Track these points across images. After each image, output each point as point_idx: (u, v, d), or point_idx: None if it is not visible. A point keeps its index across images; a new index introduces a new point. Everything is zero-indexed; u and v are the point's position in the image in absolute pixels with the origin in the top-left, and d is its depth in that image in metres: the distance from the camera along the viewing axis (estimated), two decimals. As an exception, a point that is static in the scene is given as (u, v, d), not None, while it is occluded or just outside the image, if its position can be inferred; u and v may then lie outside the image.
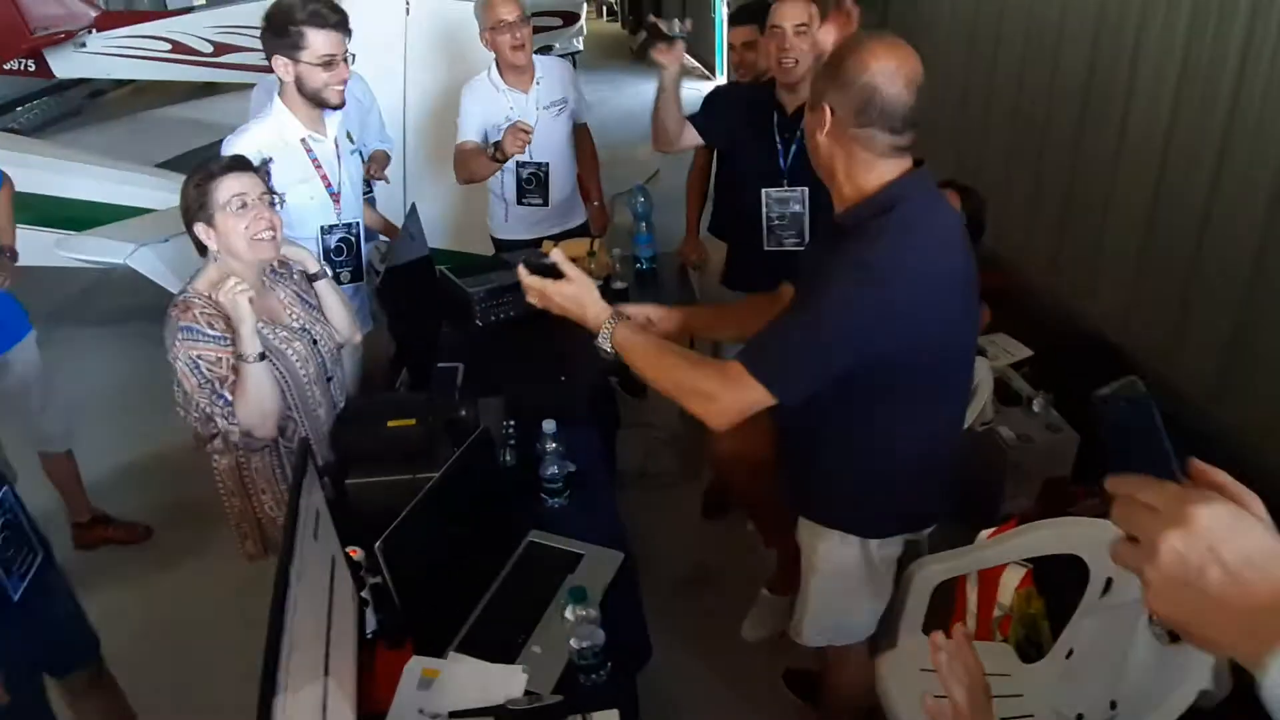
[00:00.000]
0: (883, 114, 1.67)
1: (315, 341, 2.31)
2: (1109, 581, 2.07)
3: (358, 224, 2.89)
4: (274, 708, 1.12)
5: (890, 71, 1.65)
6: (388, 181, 3.77)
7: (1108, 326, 3.62)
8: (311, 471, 1.56)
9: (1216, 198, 3.07)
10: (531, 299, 1.92)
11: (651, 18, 2.82)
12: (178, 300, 2.11)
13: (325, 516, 1.61)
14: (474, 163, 3.30)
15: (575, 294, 1.87)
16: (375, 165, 3.60)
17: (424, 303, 3.00)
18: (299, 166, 2.70)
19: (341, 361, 2.48)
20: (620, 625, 1.78)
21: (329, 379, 2.37)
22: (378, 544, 1.64)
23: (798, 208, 2.90)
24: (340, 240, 2.82)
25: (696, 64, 11.22)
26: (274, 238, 2.17)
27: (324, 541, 1.57)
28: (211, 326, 2.07)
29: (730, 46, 2.79)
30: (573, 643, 1.66)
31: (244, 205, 2.12)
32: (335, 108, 2.74)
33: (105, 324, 5.47)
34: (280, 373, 2.19)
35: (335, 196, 2.78)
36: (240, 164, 2.18)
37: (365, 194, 3.50)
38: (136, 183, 4.93)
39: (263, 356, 2.08)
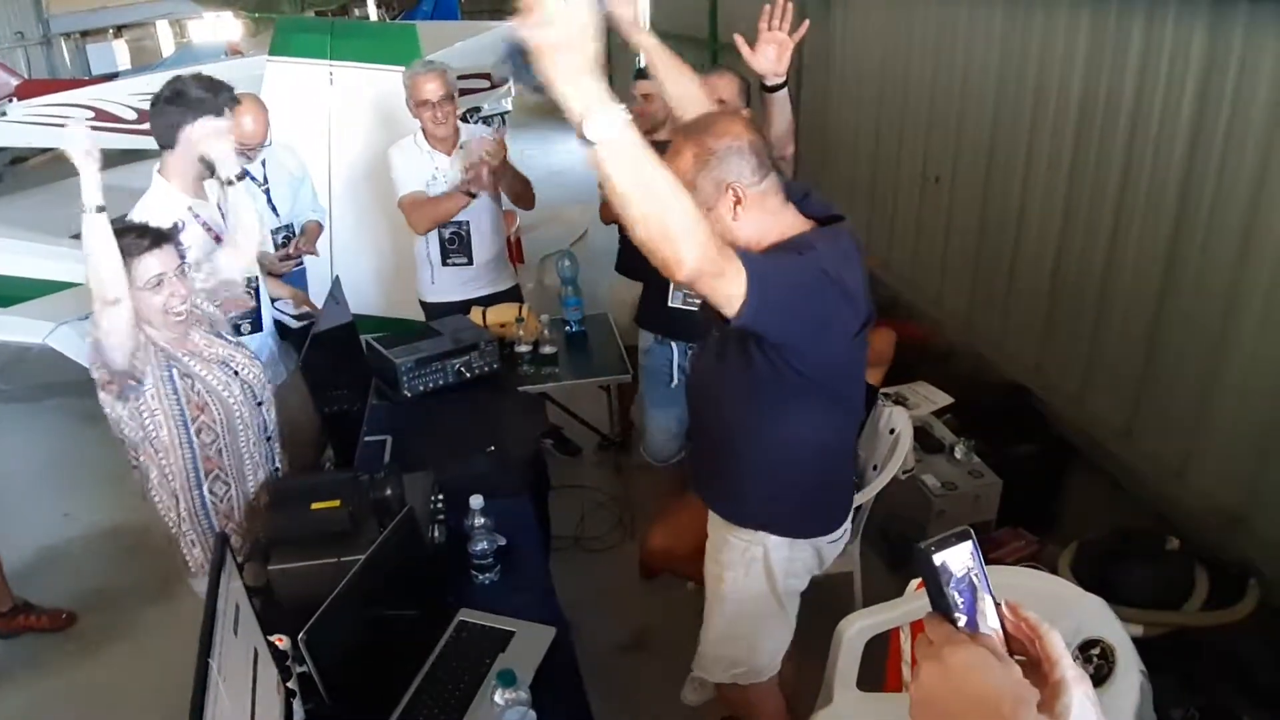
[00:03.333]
0: (763, 159, 1.76)
1: (236, 372, 2.35)
2: (1034, 630, 2.12)
3: (255, 277, 2.91)
4: None
5: (741, 123, 1.78)
6: (317, 254, 3.75)
7: (1021, 374, 3.74)
8: (229, 564, 1.53)
9: (1116, 251, 3.22)
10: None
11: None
12: None
13: (245, 609, 1.57)
14: (440, 205, 3.33)
15: (565, 39, 1.30)
16: (306, 239, 3.60)
17: (350, 372, 2.97)
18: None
19: (268, 389, 2.48)
20: (555, 703, 1.77)
21: (259, 403, 2.40)
22: (300, 635, 1.61)
23: None
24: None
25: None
26: (187, 311, 2.21)
27: (245, 635, 1.53)
28: None
29: (631, 98, 2.86)
30: (503, 726, 1.64)
31: (160, 283, 2.13)
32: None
33: (22, 401, 5.28)
34: (209, 404, 2.27)
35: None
36: (160, 238, 2.18)
37: (296, 267, 3.50)
38: (55, 256, 4.71)
39: (101, 209, 2.03)
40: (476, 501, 2.12)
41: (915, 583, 2.52)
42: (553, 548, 3.12)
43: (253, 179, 3.42)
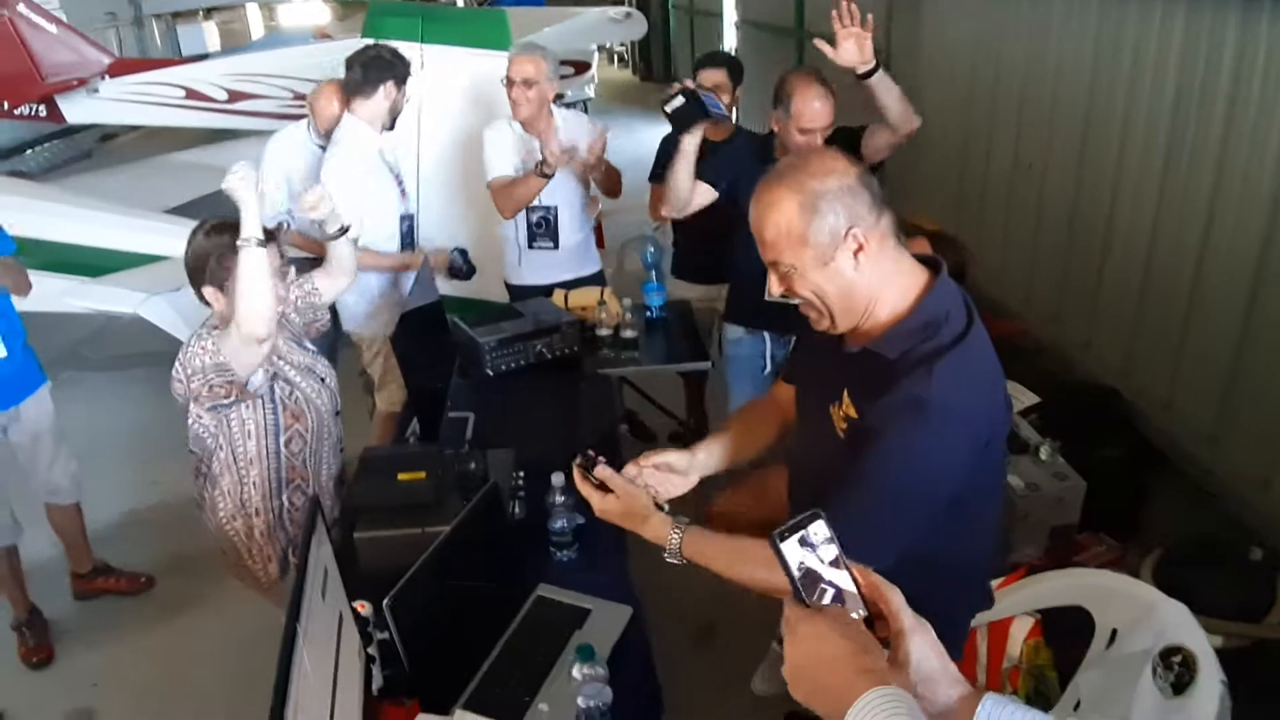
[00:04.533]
0: (875, 194, 1.54)
1: (323, 379, 2.41)
2: (1114, 633, 2.06)
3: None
4: None
5: (840, 156, 1.57)
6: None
7: (1108, 375, 3.63)
8: (320, 527, 1.57)
9: (1209, 250, 3.10)
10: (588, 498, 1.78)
11: (691, 85, 2.84)
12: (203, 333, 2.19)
13: (334, 573, 1.61)
14: (518, 187, 3.35)
15: (624, 511, 1.72)
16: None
17: (436, 350, 3.03)
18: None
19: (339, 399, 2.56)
20: (629, 682, 1.78)
21: (337, 412, 2.48)
22: (385, 601, 1.65)
23: None
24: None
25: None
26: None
27: (331, 599, 1.58)
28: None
29: (700, 88, 2.83)
30: (580, 702, 1.65)
31: None
32: None
33: (112, 369, 5.46)
34: (305, 413, 2.35)
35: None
36: (265, 238, 2.14)
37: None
38: (147, 229, 4.87)
39: (262, 243, 2.07)
40: (558, 479, 2.14)
41: (995, 583, 2.48)
42: (627, 534, 3.14)
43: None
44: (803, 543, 1.01)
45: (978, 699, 1.03)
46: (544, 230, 3.54)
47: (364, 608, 1.84)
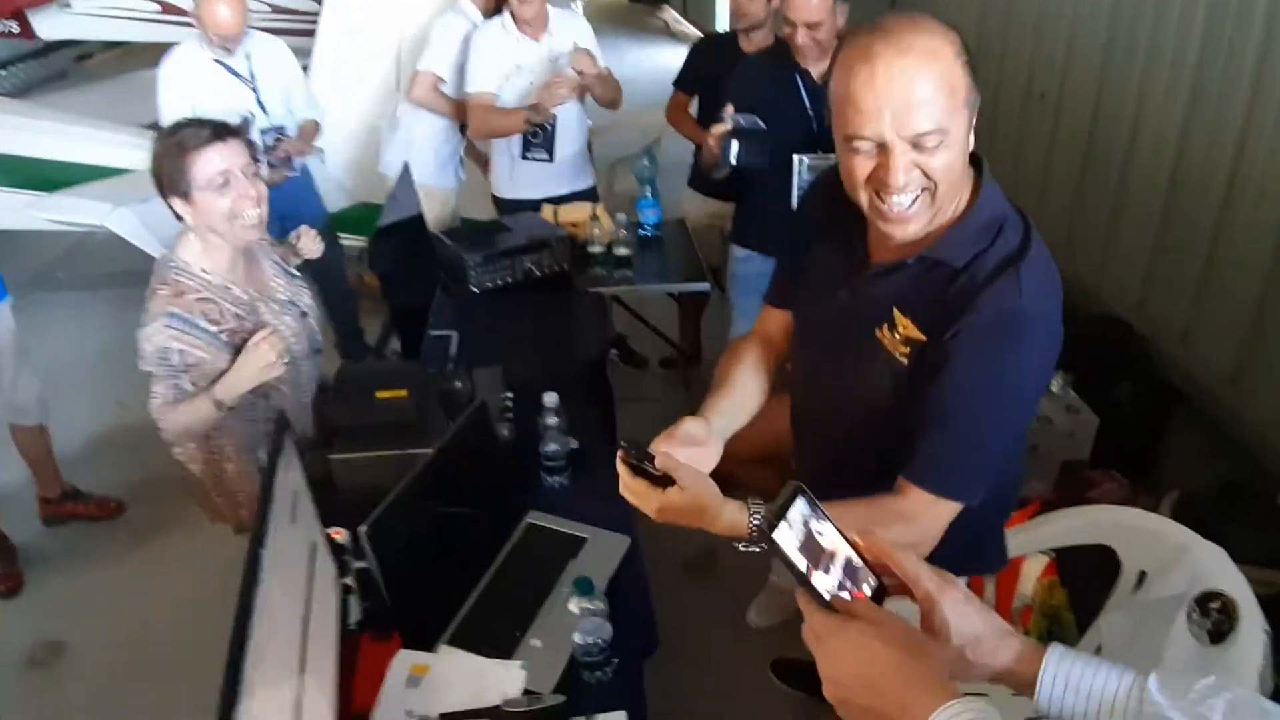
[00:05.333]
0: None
1: (304, 314, 2.20)
2: (1142, 575, 1.94)
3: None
4: (236, 717, 0.97)
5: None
6: (311, 153, 3.68)
7: (1123, 308, 3.49)
8: (289, 448, 1.41)
9: (1238, 178, 2.93)
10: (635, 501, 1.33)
11: (728, 125, 2.66)
12: (168, 276, 1.96)
13: (305, 497, 1.46)
14: (497, 121, 3.23)
15: (693, 505, 1.27)
16: (303, 139, 3.54)
17: (416, 266, 2.84)
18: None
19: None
20: (626, 616, 1.65)
21: (317, 350, 2.25)
22: (363, 527, 1.50)
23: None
24: None
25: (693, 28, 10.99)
26: (259, 219, 2.00)
27: (303, 525, 1.42)
28: (206, 319, 1.95)
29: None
30: (577, 637, 1.52)
31: (226, 183, 1.92)
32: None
33: (81, 290, 5.24)
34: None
35: None
36: (222, 131, 1.94)
37: (291, 174, 3.45)
38: (115, 142, 4.65)
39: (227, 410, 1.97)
40: (551, 399, 1.99)
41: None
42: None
43: (235, 74, 3.34)
44: (794, 525, 0.87)
45: (1038, 653, 0.95)
46: (539, 140, 3.31)
47: (340, 535, 1.71)
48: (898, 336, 1.35)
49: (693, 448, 1.37)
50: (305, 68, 4.14)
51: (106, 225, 4.10)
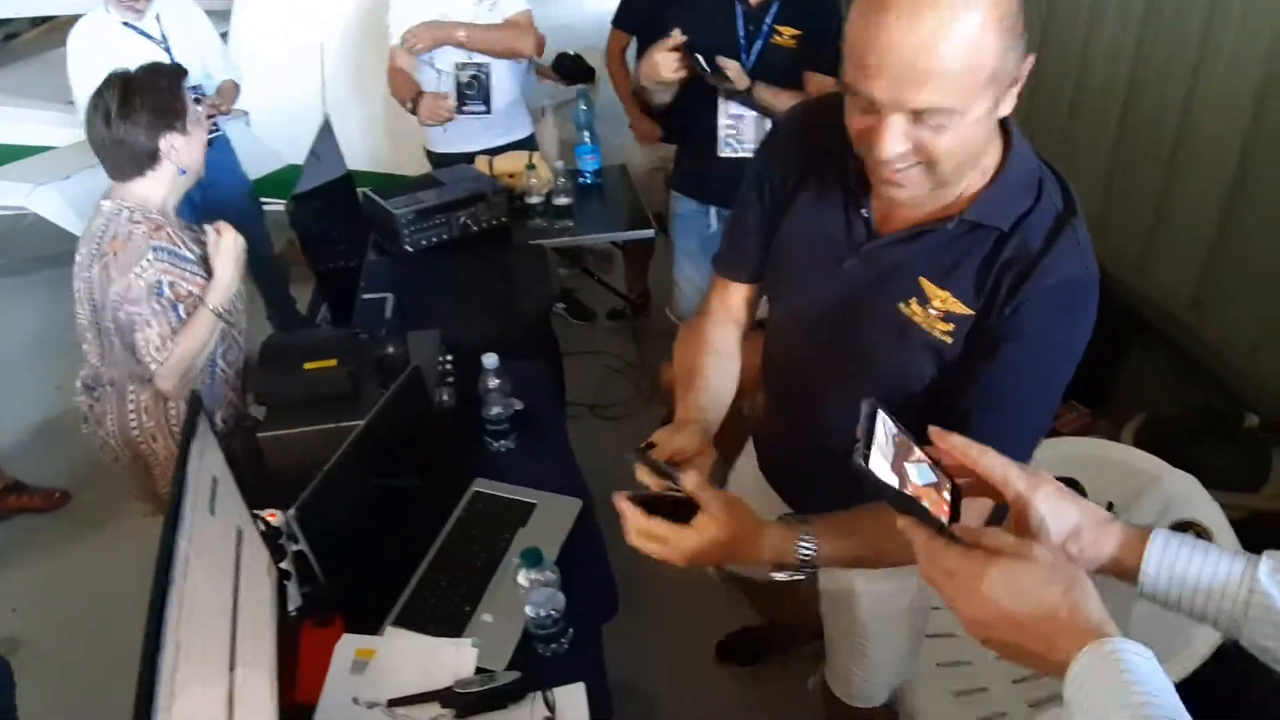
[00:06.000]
0: None
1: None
2: (1110, 506, 1.91)
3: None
4: None
5: None
6: (228, 113, 3.53)
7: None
8: (204, 431, 1.30)
9: (1193, 97, 2.87)
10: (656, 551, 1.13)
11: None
12: (138, 218, 1.95)
13: (226, 483, 1.35)
14: (401, 93, 3.11)
15: (731, 536, 1.09)
16: (221, 99, 3.40)
17: (345, 228, 2.70)
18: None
19: None
20: (582, 581, 1.58)
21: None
22: (292, 510, 1.40)
23: (754, 113, 2.66)
24: None
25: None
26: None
27: (225, 512, 1.32)
28: (187, 248, 2.00)
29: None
30: (528, 610, 1.45)
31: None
32: None
33: (13, 275, 5.03)
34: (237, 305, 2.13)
35: None
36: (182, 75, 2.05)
37: (213, 133, 3.25)
38: (35, 119, 4.44)
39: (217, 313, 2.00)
40: (490, 360, 1.88)
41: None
42: (568, 415, 2.92)
43: (146, 35, 3.19)
44: (884, 451, 0.82)
45: (1141, 539, 0.90)
46: (475, 91, 3.14)
47: (274, 517, 1.61)
48: (933, 312, 1.18)
49: (691, 466, 1.18)
50: (224, 34, 3.95)
51: (27, 206, 3.91)
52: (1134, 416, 2.63)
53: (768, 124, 2.70)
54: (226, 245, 2.00)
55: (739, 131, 2.73)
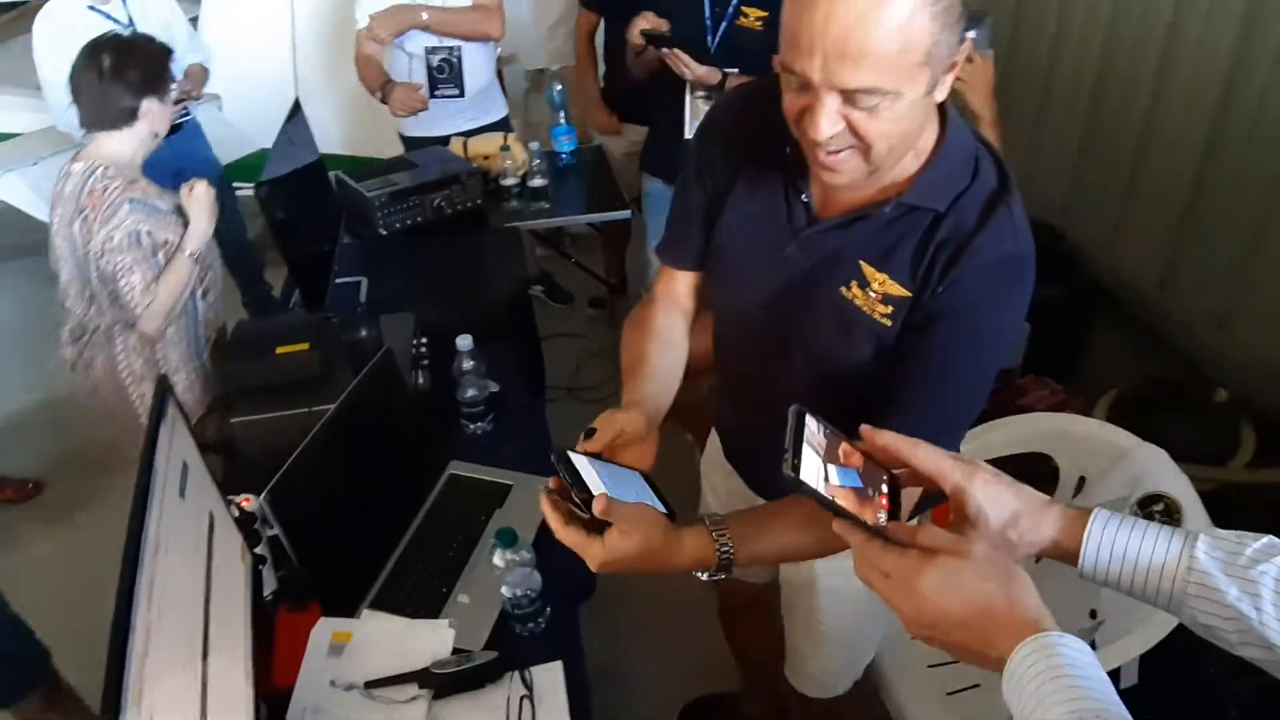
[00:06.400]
0: None
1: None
2: (1082, 480, 1.93)
3: None
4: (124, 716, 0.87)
5: None
6: (199, 99, 3.51)
7: (1050, 213, 3.47)
8: (172, 413, 1.28)
9: (1164, 75, 2.89)
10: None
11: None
12: (112, 174, 2.09)
13: (197, 468, 1.34)
14: (370, 82, 3.08)
15: (642, 548, 1.05)
16: (190, 83, 3.35)
17: (317, 213, 2.67)
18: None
19: None
20: (559, 561, 1.56)
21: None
22: (264, 494, 1.39)
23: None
24: None
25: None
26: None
27: (196, 498, 1.31)
28: (162, 200, 2.14)
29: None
30: (505, 591, 1.44)
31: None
32: None
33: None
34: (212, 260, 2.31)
35: None
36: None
37: (183, 116, 3.19)
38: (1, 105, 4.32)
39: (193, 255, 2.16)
40: (464, 342, 1.88)
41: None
42: (547, 399, 2.91)
43: (113, 19, 3.15)
44: (811, 453, 0.82)
45: (1080, 521, 0.89)
46: (447, 75, 3.11)
47: (249, 502, 1.60)
48: (873, 295, 1.18)
49: (627, 445, 1.18)
50: (195, 19, 3.90)
51: None
52: (1106, 392, 2.65)
53: None
54: (199, 193, 2.15)
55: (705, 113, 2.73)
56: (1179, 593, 0.86)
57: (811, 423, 0.86)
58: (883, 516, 0.86)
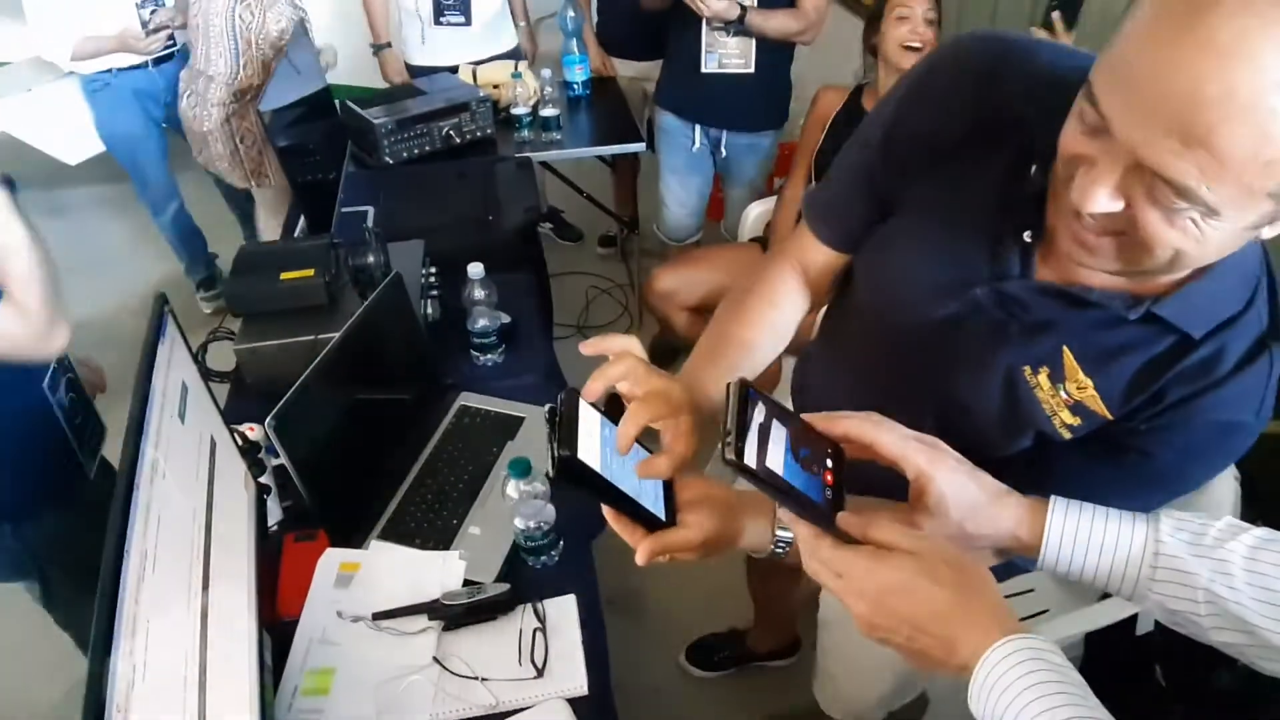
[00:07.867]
0: None
1: None
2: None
3: None
4: (107, 672, 0.81)
5: None
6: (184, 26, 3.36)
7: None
8: (171, 332, 1.22)
9: None
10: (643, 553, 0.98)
11: None
12: None
13: (197, 390, 1.28)
14: (375, 22, 3.13)
15: (719, 529, 0.94)
16: (179, 11, 3.20)
17: (323, 142, 2.59)
18: None
19: None
20: (572, 496, 1.52)
21: None
22: (268, 420, 1.34)
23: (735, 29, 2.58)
24: None
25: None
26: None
27: (196, 421, 1.25)
28: None
29: None
30: (518, 523, 1.39)
31: None
32: None
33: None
34: None
35: None
36: None
37: (170, 45, 3.15)
38: None
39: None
40: (476, 270, 1.81)
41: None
42: (556, 336, 2.85)
43: None
44: (757, 436, 0.74)
45: (1039, 512, 0.86)
46: (453, 1, 3.02)
47: (254, 431, 1.56)
48: (1063, 395, 0.91)
49: (661, 419, 0.95)
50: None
51: None
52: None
53: (753, 41, 2.60)
54: None
55: (723, 47, 2.64)
56: (1145, 579, 0.82)
57: (755, 401, 0.77)
58: (828, 493, 0.78)
